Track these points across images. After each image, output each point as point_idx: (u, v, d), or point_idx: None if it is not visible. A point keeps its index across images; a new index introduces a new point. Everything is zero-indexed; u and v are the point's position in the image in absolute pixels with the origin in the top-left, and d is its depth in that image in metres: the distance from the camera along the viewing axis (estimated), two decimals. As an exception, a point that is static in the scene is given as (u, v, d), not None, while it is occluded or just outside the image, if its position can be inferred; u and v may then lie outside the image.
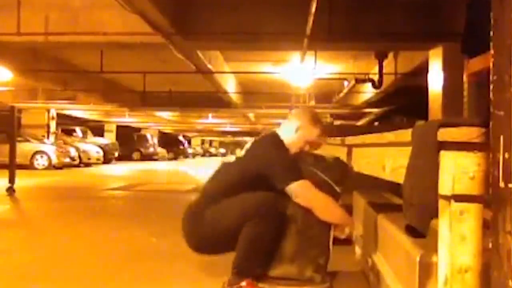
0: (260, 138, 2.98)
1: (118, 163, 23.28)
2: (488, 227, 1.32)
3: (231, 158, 3.02)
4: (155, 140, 32.85)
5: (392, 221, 2.39)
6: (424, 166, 1.50)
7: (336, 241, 2.87)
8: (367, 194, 3.57)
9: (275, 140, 2.87)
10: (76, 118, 25.41)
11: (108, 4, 7.50)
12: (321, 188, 2.73)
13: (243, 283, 2.65)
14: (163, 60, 11.93)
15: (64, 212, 6.75)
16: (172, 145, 36.43)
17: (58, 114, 21.92)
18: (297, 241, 2.70)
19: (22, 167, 13.17)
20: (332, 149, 3.79)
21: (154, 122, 31.78)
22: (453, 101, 6.21)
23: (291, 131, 2.93)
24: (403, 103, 13.31)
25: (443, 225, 1.40)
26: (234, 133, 45.98)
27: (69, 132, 22.88)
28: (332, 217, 2.77)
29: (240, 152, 2.92)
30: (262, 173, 2.70)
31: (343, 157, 3.31)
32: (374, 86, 11.88)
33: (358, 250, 3.52)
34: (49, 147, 17.76)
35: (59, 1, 8.48)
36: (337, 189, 2.85)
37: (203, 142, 57.34)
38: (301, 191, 2.65)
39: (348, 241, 3.12)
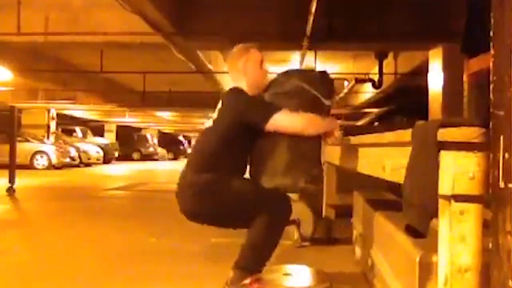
0: (226, 97, 2.91)
1: (118, 163, 23.28)
2: (488, 227, 1.32)
3: (208, 123, 2.94)
4: (155, 140, 32.87)
5: (392, 221, 2.39)
6: (424, 166, 1.50)
7: (336, 241, 2.86)
8: (367, 194, 3.57)
9: (237, 90, 2.84)
10: (76, 118, 25.42)
11: (108, 4, 7.50)
12: (310, 102, 2.73)
13: (247, 281, 2.64)
14: (163, 60, 11.92)
15: (64, 212, 6.75)
16: (172, 145, 36.43)
17: (58, 114, 21.93)
18: (288, 156, 2.68)
19: (22, 167, 13.17)
20: (332, 149, 3.79)
21: (154, 122, 31.78)
22: (453, 101, 6.22)
23: (241, 76, 2.89)
24: (403, 103, 13.32)
25: (443, 225, 1.40)
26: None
27: (69, 132, 22.89)
28: (319, 130, 2.76)
29: (214, 115, 2.89)
30: (241, 122, 2.68)
31: (343, 157, 3.32)
32: (374, 86, 11.88)
33: (358, 250, 3.52)
34: (49, 147, 17.76)
35: (59, 1, 8.47)
36: (325, 102, 2.85)
37: (203, 142, 57.30)
38: (281, 122, 2.64)
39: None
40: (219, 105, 2.87)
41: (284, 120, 2.66)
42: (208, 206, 2.74)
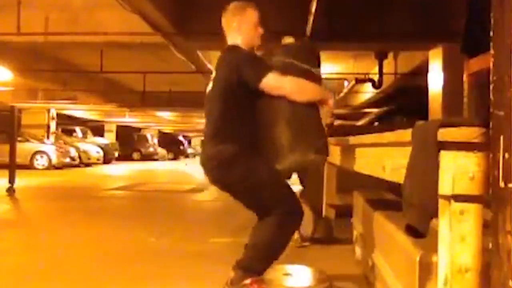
0: (222, 54, 2.91)
1: (118, 163, 23.28)
2: (488, 227, 1.32)
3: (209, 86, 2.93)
4: (155, 140, 32.86)
5: (392, 221, 2.39)
6: (424, 166, 1.50)
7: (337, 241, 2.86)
8: (367, 194, 3.57)
9: (234, 47, 2.84)
10: (76, 118, 25.43)
11: (108, 4, 7.50)
12: (301, 76, 2.72)
13: (247, 281, 2.64)
14: (163, 60, 11.92)
15: (64, 212, 6.75)
16: (172, 145, 36.42)
17: (58, 114, 21.92)
18: (290, 132, 2.67)
19: (22, 167, 13.17)
20: (332, 149, 3.79)
21: (154, 122, 31.79)
22: (453, 101, 6.21)
23: (236, 35, 2.87)
24: (403, 103, 13.32)
25: (443, 225, 1.40)
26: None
27: (69, 132, 22.88)
28: (312, 94, 2.74)
29: (212, 75, 2.88)
30: (237, 78, 2.67)
31: (342, 158, 3.32)
32: (374, 86, 11.88)
33: (358, 250, 3.52)
34: (49, 147, 17.76)
35: (59, 1, 8.47)
36: (315, 71, 2.84)
37: (203, 142, 57.27)
38: (274, 83, 2.64)
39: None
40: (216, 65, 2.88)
41: (278, 81, 2.64)
42: (229, 180, 2.73)
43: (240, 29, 2.85)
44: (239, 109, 2.72)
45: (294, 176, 3.90)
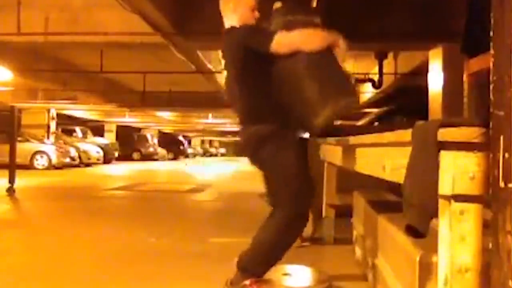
0: (225, 37, 2.92)
1: (118, 163, 23.28)
2: (488, 227, 1.32)
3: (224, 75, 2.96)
4: (155, 140, 32.86)
5: (392, 221, 2.39)
6: (424, 166, 1.50)
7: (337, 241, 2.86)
8: (367, 194, 3.57)
9: (230, 29, 2.86)
10: (76, 118, 25.42)
11: (108, 4, 7.50)
12: (304, 27, 2.72)
13: (247, 282, 2.64)
14: (163, 60, 11.91)
15: (64, 212, 6.75)
16: (172, 145, 36.42)
17: (58, 114, 21.92)
18: (316, 85, 2.65)
19: (22, 167, 13.17)
20: (332, 149, 3.79)
21: (154, 122, 31.78)
22: (453, 101, 6.21)
23: (232, 16, 2.89)
24: (403, 103, 13.31)
25: (443, 225, 1.40)
26: (234, 133, 45.99)
27: (69, 132, 22.88)
28: (321, 40, 2.73)
29: (222, 63, 2.90)
30: (245, 57, 2.69)
31: (341, 158, 3.31)
32: (374, 86, 11.88)
33: (358, 250, 3.52)
34: (49, 147, 17.76)
35: (59, 1, 8.47)
36: (315, 20, 2.85)
37: (203, 142, 57.34)
38: (283, 40, 2.64)
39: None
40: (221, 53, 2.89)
41: (286, 38, 2.65)
42: (262, 158, 2.77)
43: (236, 10, 2.88)
44: (259, 86, 2.74)
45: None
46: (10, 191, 8.18)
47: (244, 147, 2.85)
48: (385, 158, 2.10)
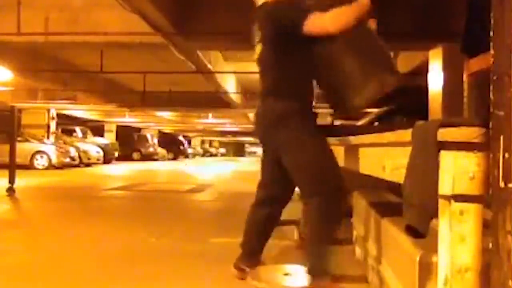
0: (258, 15, 2.91)
1: (118, 163, 23.29)
2: (488, 227, 1.32)
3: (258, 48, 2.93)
4: (155, 140, 32.86)
5: (392, 221, 2.39)
6: (424, 166, 1.50)
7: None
8: (367, 195, 3.57)
9: (265, 4, 2.85)
10: (76, 118, 25.43)
11: (108, 4, 7.51)
12: (338, 4, 2.70)
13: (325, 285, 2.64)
14: (163, 60, 11.93)
15: (64, 212, 6.75)
16: (172, 145, 36.43)
17: (58, 114, 21.93)
18: (355, 59, 2.62)
19: (22, 167, 13.17)
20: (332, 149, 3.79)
21: (154, 122, 31.79)
22: (453, 101, 6.21)
23: None
24: (403, 103, 13.31)
25: (443, 225, 1.40)
26: (234, 133, 46.00)
27: (69, 132, 22.88)
28: (352, 17, 2.71)
29: (257, 37, 2.88)
30: (280, 33, 2.68)
31: (342, 158, 3.31)
32: (374, 86, 11.87)
33: (358, 250, 3.52)
34: (49, 147, 17.76)
35: (59, 1, 8.48)
36: None
37: (203, 142, 57.36)
38: (317, 21, 2.64)
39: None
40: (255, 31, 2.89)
41: (320, 19, 2.64)
42: (280, 140, 2.72)
43: None
44: (293, 63, 2.73)
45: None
46: (10, 191, 8.18)
47: (262, 121, 2.79)
48: (385, 158, 2.10)
